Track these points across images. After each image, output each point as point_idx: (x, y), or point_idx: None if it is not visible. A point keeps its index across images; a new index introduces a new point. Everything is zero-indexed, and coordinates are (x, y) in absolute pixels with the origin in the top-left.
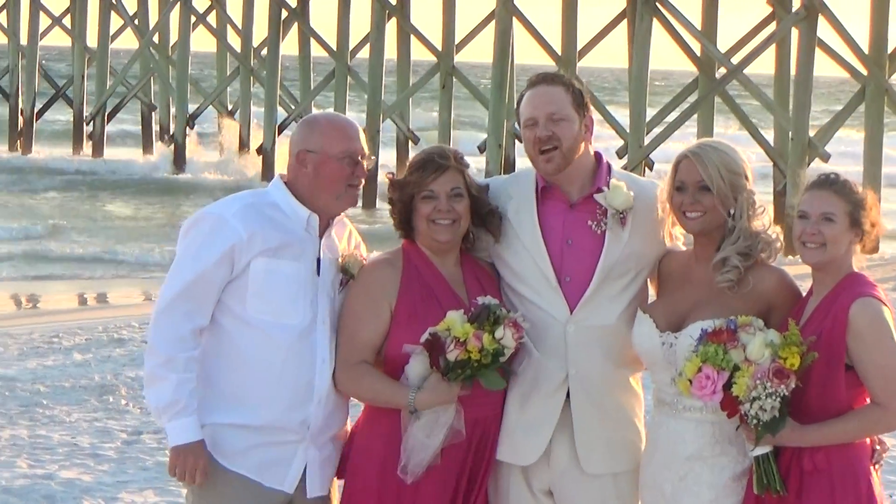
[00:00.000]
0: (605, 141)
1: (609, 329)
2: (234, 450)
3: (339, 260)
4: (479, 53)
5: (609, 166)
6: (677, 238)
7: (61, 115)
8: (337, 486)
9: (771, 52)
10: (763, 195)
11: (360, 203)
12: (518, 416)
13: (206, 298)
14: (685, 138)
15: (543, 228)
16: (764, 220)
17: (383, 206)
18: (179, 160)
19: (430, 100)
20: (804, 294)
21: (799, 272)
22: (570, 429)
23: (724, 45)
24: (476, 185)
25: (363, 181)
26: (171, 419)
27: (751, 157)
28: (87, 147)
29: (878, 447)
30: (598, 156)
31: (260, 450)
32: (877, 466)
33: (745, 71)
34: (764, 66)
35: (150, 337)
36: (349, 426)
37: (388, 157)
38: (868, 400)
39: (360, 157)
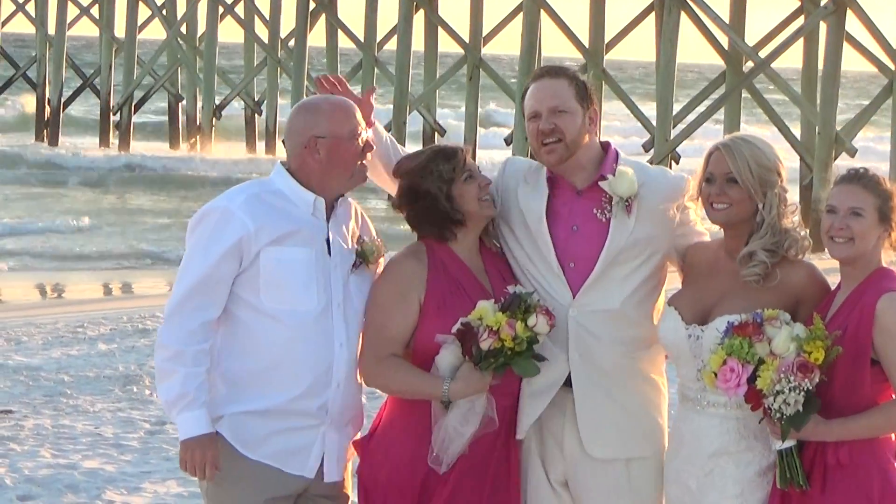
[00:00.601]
0: (631, 135)
1: (614, 313)
2: (255, 438)
3: (356, 244)
4: (506, 46)
5: (617, 154)
6: (690, 221)
7: (88, 105)
8: (350, 472)
9: (799, 47)
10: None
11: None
12: (521, 396)
13: (216, 292)
14: (712, 132)
15: (550, 215)
16: (794, 218)
17: None
18: (205, 151)
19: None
20: (833, 288)
21: (826, 266)
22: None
23: (752, 38)
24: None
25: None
26: (179, 412)
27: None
28: (114, 137)
29: None
30: (605, 145)
31: (281, 436)
32: None
33: (773, 65)
34: (792, 61)
35: (161, 332)
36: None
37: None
38: (894, 395)
39: (362, 133)
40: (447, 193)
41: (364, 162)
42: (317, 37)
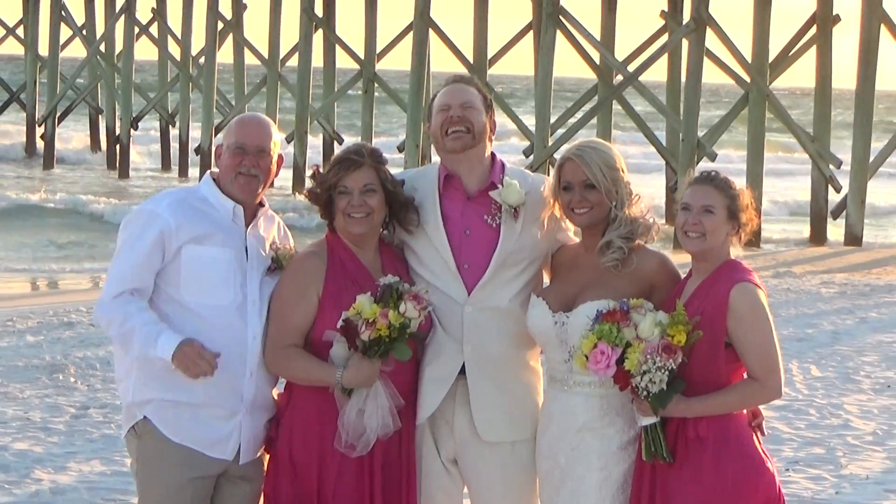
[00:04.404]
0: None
1: (503, 311)
2: (179, 424)
3: (272, 250)
4: (398, 61)
5: (502, 164)
6: (566, 227)
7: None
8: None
9: (664, 61)
10: (658, 189)
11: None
12: (419, 385)
13: (144, 282)
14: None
15: (444, 219)
16: (640, 206)
17: None
18: (124, 164)
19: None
20: (683, 277)
21: (680, 261)
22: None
23: (621, 54)
24: (392, 181)
25: (260, 173)
26: (154, 347)
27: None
28: (39, 144)
29: (754, 418)
30: (492, 156)
31: (202, 423)
32: (757, 433)
33: (641, 78)
34: (657, 74)
35: (102, 319)
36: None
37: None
38: (745, 375)
39: (252, 150)
40: (329, 195)
41: (243, 172)
42: (225, 54)
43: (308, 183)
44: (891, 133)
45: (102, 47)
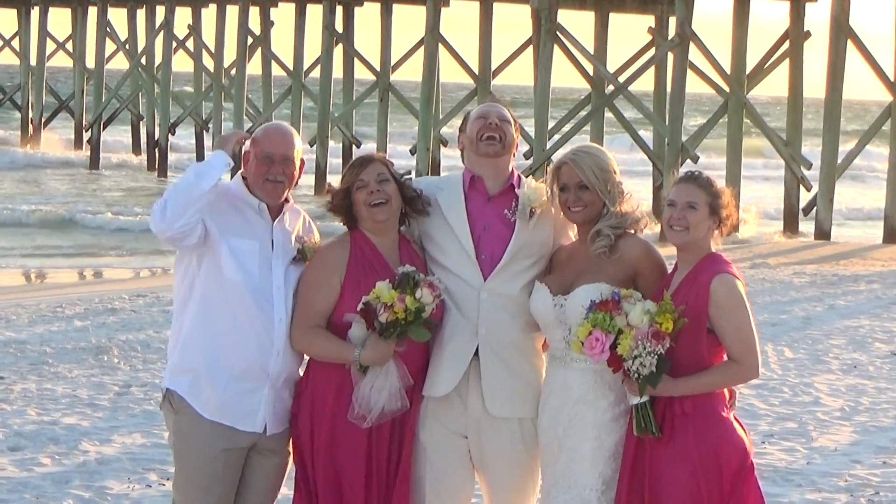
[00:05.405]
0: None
1: (514, 298)
2: (210, 402)
3: (298, 242)
4: (411, 73)
5: (519, 176)
6: (569, 231)
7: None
8: None
9: (651, 73)
10: (644, 189)
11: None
12: (436, 363)
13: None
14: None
15: (468, 215)
16: (631, 202)
17: None
18: (163, 165)
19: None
20: (668, 265)
21: (666, 254)
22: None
23: (612, 66)
24: (400, 175)
25: (285, 179)
26: (204, 164)
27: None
28: (86, 149)
29: (730, 396)
30: (512, 169)
31: (231, 399)
32: (731, 409)
33: (630, 88)
34: (645, 84)
35: (155, 213)
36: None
37: (336, 159)
38: (725, 357)
39: (278, 159)
40: (348, 195)
41: (271, 179)
42: (254, 66)
43: (327, 197)
44: (857, 138)
45: (143, 60)
